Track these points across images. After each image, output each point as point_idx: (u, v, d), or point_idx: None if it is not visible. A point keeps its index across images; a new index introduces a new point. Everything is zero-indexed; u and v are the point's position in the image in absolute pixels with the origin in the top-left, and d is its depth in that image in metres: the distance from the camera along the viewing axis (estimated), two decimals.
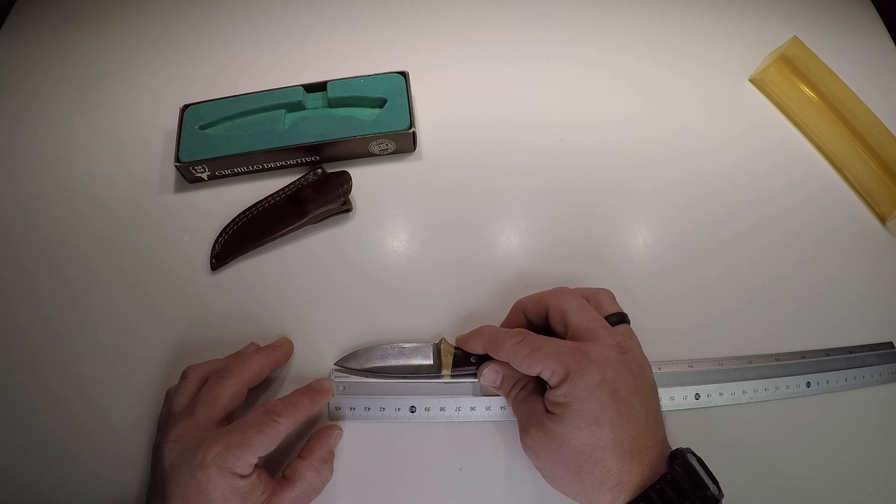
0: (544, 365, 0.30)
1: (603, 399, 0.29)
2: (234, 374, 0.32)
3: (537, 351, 0.31)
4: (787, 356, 0.38)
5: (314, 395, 0.33)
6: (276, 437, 0.30)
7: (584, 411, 0.29)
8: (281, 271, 0.41)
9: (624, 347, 0.31)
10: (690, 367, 0.37)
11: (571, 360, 0.29)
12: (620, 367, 0.30)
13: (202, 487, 0.28)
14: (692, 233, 0.43)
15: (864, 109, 0.44)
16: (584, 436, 0.28)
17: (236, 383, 0.32)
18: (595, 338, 0.31)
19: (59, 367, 0.38)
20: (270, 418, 0.30)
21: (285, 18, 0.53)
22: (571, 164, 0.45)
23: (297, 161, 0.44)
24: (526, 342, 0.31)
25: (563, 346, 0.30)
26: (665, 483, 0.27)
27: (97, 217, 0.43)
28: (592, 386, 0.29)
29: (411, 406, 0.35)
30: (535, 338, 0.32)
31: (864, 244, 0.43)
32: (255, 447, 0.29)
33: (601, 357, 0.30)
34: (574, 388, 0.29)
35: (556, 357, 0.30)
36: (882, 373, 0.38)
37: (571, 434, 0.29)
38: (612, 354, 0.30)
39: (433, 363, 0.35)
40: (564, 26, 0.52)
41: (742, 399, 0.36)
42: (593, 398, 0.29)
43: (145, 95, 0.48)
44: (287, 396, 0.33)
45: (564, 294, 0.33)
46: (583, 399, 0.29)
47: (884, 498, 0.35)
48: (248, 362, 0.33)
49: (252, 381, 0.33)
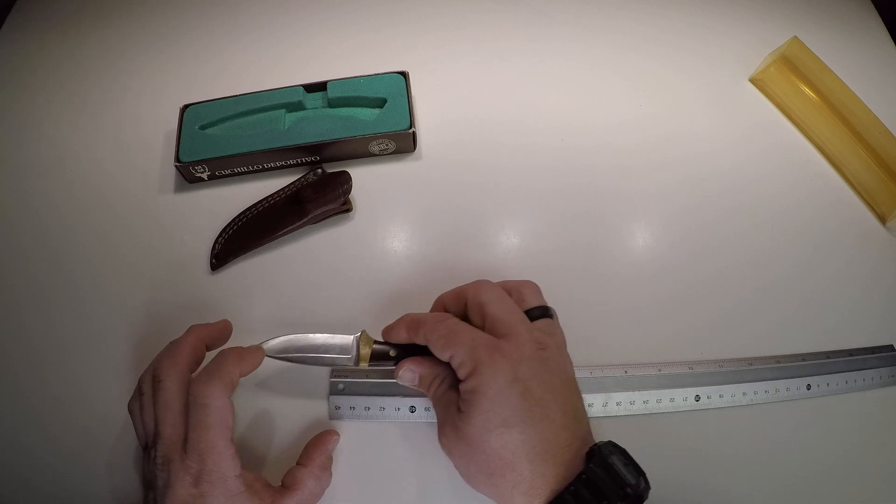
0: (454, 352, 0.29)
1: (512, 399, 0.27)
2: (166, 371, 0.30)
3: (452, 335, 0.30)
4: (787, 358, 0.38)
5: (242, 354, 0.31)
6: (219, 419, 0.28)
7: (492, 412, 0.27)
8: (281, 271, 0.41)
9: (542, 343, 0.30)
10: (690, 368, 0.37)
11: (483, 354, 0.28)
12: (536, 364, 0.29)
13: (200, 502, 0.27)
14: (691, 233, 0.43)
15: (864, 109, 0.44)
16: (493, 438, 0.27)
17: (175, 380, 0.30)
18: (511, 332, 0.29)
19: (59, 366, 0.38)
20: (198, 404, 0.29)
21: (285, 18, 0.53)
22: (571, 164, 0.45)
23: (297, 161, 0.44)
24: (445, 324, 0.30)
25: (478, 338, 0.29)
26: (580, 483, 0.26)
27: (97, 217, 0.43)
28: (502, 385, 0.28)
29: (411, 406, 0.35)
30: (454, 322, 0.31)
31: (863, 244, 0.43)
32: (217, 445, 0.28)
33: (515, 354, 0.28)
34: (481, 385, 0.28)
35: (468, 346, 0.29)
36: (882, 375, 0.38)
37: (480, 436, 0.27)
38: (527, 351, 0.29)
39: (353, 355, 0.35)
40: (565, 26, 0.52)
41: (742, 401, 0.36)
42: (502, 398, 0.27)
43: (145, 95, 0.48)
44: (204, 368, 0.31)
45: (483, 286, 0.32)
46: (491, 399, 0.27)
47: (884, 500, 0.35)
48: (178, 351, 0.31)
49: (191, 366, 0.31)
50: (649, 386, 0.36)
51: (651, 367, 0.37)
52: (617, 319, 0.39)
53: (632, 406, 0.36)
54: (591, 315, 0.39)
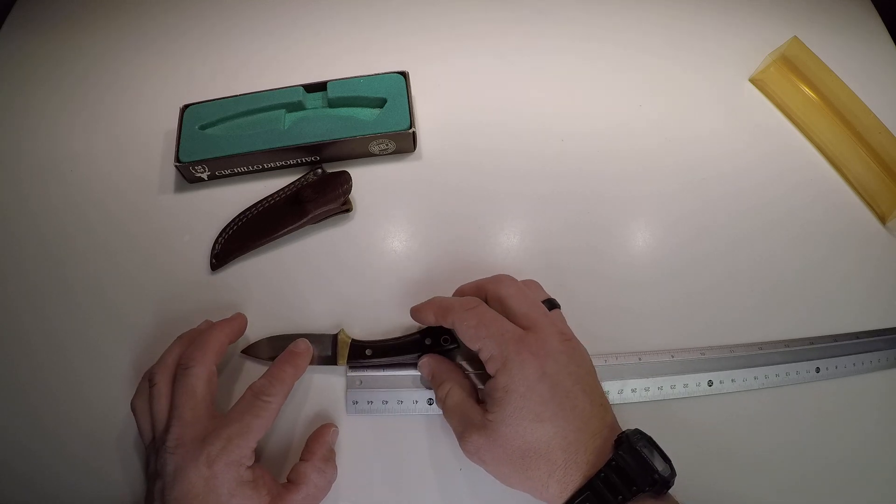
0: (484, 344, 0.30)
1: (543, 394, 0.28)
2: (198, 360, 0.31)
3: (483, 325, 0.30)
4: (796, 342, 0.39)
5: (294, 360, 0.33)
6: (270, 417, 0.30)
7: (525, 408, 0.28)
8: (281, 271, 0.41)
9: (566, 334, 0.31)
10: (702, 354, 0.38)
11: (511, 349, 0.29)
12: (562, 356, 0.30)
13: (210, 484, 0.28)
14: (697, 230, 0.43)
15: (864, 109, 0.44)
16: (526, 433, 0.28)
17: (204, 368, 0.31)
18: (536, 325, 0.30)
19: (58, 367, 0.38)
20: (261, 399, 0.30)
21: (285, 18, 0.53)
22: (571, 164, 0.45)
23: (297, 161, 0.44)
24: (476, 312, 0.31)
25: (507, 330, 0.30)
26: (609, 469, 0.27)
27: (97, 217, 0.43)
28: (532, 381, 0.28)
29: (429, 398, 0.35)
30: (485, 310, 0.31)
31: (863, 244, 0.43)
32: (254, 432, 0.29)
33: (542, 349, 0.29)
34: (511, 381, 0.28)
35: (498, 339, 0.29)
36: (889, 357, 0.39)
37: (514, 433, 0.28)
38: (554, 344, 0.30)
39: (330, 354, 0.35)
40: (565, 26, 0.52)
41: (753, 385, 0.37)
42: (533, 393, 0.28)
43: (145, 95, 0.48)
44: (269, 371, 0.32)
45: (503, 281, 0.33)
46: (523, 395, 0.28)
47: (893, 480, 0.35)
48: (207, 342, 0.32)
49: (217, 358, 0.32)
50: (663, 372, 0.37)
51: (664, 353, 0.37)
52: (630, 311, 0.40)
53: (646, 392, 0.36)
54: (602, 307, 0.40)
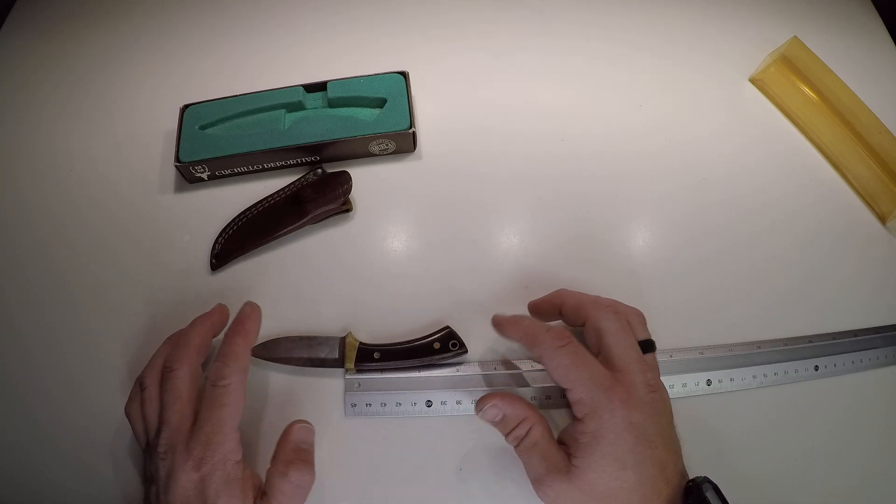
0: (575, 386, 0.30)
1: (629, 442, 0.29)
2: (179, 361, 0.31)
3: (575, 367, 0.30)
4: (795, 340, 0.39)
5: (243, 328, 0.33)
6: (236, 399, 0.30)
7: (611, 455, 0.29)
8: (281, 271, 0.41)
9: (653, 386, 0.31)
10: (701, 353, 0.38)
11: (601, 397, 0.29)
12: (648, 408, 0.30)
13: (200, 487, 0.28)
14: (697, 229, 0.43)
15: (864, 109, 0.44)
16: (611, 480, 0.28)
17: (187, 369, 0.31)
18: (626, 369, 0.30)
19: (56, 367, 0.38)
20: (219, 387, 0.30)
21: (285, 18, 0.53)
22: (572, 164, 0.45)
23: (297, 161, 0.44)
24: (567, 351, 0.30)
25: (598, 374, 0.30)
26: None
27: (97, 217, 0.43)
28: (620, 430, 0.29)
29: (427, 400, 0.35)
30: (577, 349, 0.31)
31: (863, 244, 0.43)
32: (227, 422, 0.29)
33: (631, 399, 0.29)
34: (600, 428, 0.29)
35: (589, 385, 0.29)
36: (888, 355, 0.38)
37: (599, 479, 0.28)
38: (641, 395, 0.30)
39: (338, 356, 0.35)
40: (564, 26, 0.52)
41: (752, 384, 0.37)
42: (620, 441, 0.29)
43: (145, 95, 0.48)
44: (220, 349, 0.31)
45: (608, 313, 0.32)
46: (611, 442, 0.29)
47: (893, 477, 0.35)
48: (188, 342, 0.32)
49: (200, 356, 0.32)
50: (662, 372, 0.36)
51: (663, 353, 0.37)
52: None
53: None
54: None
